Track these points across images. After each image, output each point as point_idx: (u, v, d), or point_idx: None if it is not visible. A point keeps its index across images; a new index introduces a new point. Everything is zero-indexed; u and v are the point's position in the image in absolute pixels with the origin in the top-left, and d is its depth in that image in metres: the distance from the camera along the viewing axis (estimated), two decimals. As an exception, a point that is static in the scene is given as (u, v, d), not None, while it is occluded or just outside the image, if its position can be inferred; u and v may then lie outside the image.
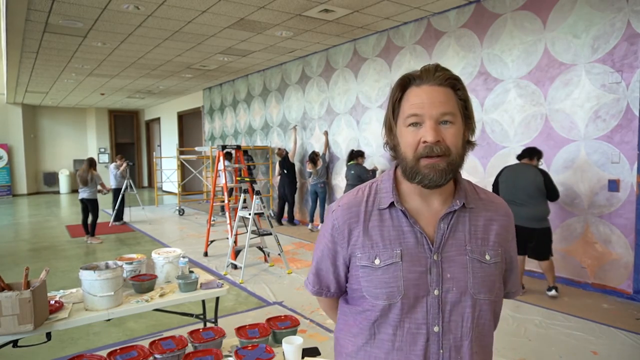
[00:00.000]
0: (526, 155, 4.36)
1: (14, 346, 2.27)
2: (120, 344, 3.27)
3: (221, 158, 6.40)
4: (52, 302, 2.45)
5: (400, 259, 1.01)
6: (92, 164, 7.44)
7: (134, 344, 2.18)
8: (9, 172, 14.85)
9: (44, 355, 3.29)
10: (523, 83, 5.00)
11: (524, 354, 3.21)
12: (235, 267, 5.58)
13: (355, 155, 6.82)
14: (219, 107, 12.04)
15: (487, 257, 1.04)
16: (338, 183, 7.88)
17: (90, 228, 7.50)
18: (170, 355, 2.07)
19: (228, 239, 6.05)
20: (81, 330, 3.72)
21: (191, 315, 3.22)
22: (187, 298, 2.71)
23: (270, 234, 5.39)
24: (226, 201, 6.21)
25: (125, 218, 9.67)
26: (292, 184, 8.51)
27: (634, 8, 4.11)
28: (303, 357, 1.99)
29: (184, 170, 13.54)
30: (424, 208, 1.04)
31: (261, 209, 5.39)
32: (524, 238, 4.26)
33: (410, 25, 6.26)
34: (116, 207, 9.04)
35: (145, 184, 18.67)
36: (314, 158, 7.73)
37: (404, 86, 1.02)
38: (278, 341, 2.24)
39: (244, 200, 5.65)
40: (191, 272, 2.91)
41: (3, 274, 2.66)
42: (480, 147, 5.49)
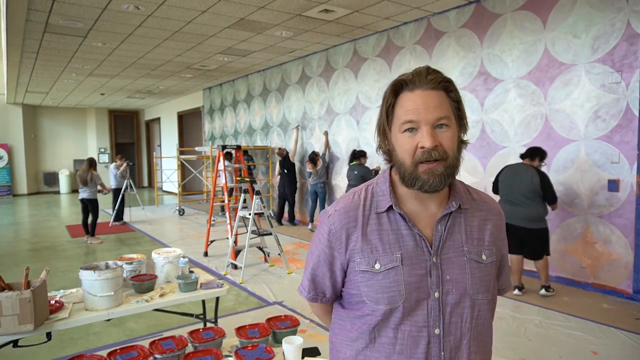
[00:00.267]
0: (527, 156, 4.35)
1: (14, 346, 2.27)
2: (120, 344, 3.27)
3: (221, 158, 6.40)
4: (52, 302, 2.45)
5: (401, 263, 1.01)
6: (92, 164, 7.44)
7: (134, 344, 2.18)
8: (9, 172, 14.85)
9: (44, 355, 3.30)
10: (523, 83, 5.00)
11: (524, 354, 3.21)
12: (235, 267, 5.58)
13: (358, 156, 6.77)
14: (219, 107, 12.04)
15: (484, 257, 1.05)
16: (338, 183, 7.89)
17: (90, 228, 7.50)
18: (170, 355, 2.07)
19: (228, 239, 6.05)
20: (81, 330, 3.72)
21: (191, 315, 3.22)
22: (187, 298, 2.71)
23: (270, 234, 5.39)
24: (226, 201, 6.21)
25: (125, 218, 9.67)
26: (292, 183, 8.51)
27: (634, 8, 4.11)
28: (303, 357, 1.99)
29: (184, 170, 13.54)
30: (421, 211, 1.05)
31: (261, 209, 5.39)
32: (519, 238, 4.26)
33: (410, 25, 6.26)
34: (116, 207, 9.04)
35: (145, 184, 18.67)
36: (314, 158, 7.73)
37: (396, 91, 1.01)
38: (278, 341, 2.25)
39: (244, 200, 5.65)
40: (191, 272, 2.91)
41: (3, 274, 2.66)
42: (480, 147, 5.49)
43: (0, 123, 14.76)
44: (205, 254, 6.33)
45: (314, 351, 2.21)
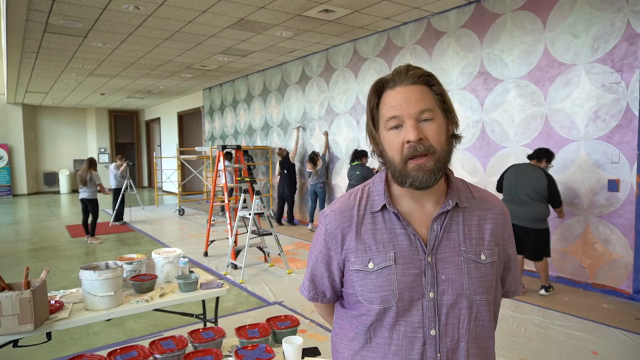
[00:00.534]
0: (534, 157, 4.35)
1: (14, 346, 2.27)
2: (120, 344, 3.28)
3: (221, 158, 6.40)
4: (52, 302, 2.45)
5: (394, 262, 1.00)
6: (92, 164, 7.44)
7: (134, 344, 2.18)
8: (9, 172, 14.85)
9: (44, 355, 3.29)
10: (523, 83, 5.00)
11: (524, 354, 3.21)
12: (235, 267, 5.58)
13: (360, 156, 6.73)
14: (219, 107, 12.04)
15: (483, 257, 1.02)
16: (338, 183, 7.89)
17: (90, 228, 7.50)
18: (170, 355, 2.07)
19: (228, 239, 6.05)
20: (81, 330, 3.72)
21: (191, 315, 3.22)
22: (187, 298, 2.71)
23: (270, 234, 5.39)
24: (226, 201, 6.21)
25: (125, 218, 9.67)
26: (292, 184, 8.51)
27: (633, 8, 4.12)
28: (303, 357, 1.99)
29: (184, 170, 13.54)
30: (417, 210, 1.04)
31: (261, 209, 5.39)
32: (520, 238, 4.27)
33: (410, 25, 6.26)
34: (116, 207, 9.04)
35: (145, 184, 18.67)
36: (313, 158, 7.73)
37: (378, 91, 1.02)
38: (278, 341, 2.25)
39: (244, 200, 5.65)
40: (191, 272, 2.91)
41: (3, 274, 2.67)
42: (480, 147, 5.49)
43: (0, 123, 14.76)
44: (205, 254, 6.33)
45: (314, 351, 2.21)
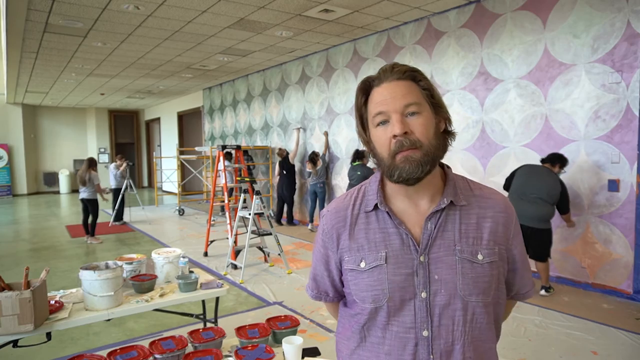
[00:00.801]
0: (548, 161, 4.36)
1: (14, 346, 2.27)
2: (120, 344, 3.28)
3: (221, 158, 6.40)
4: (52, 302, 2.45)
5: (385, 261, 0.99)
6: (91, 164, 7.43)
7: (134, 344, 2.18)
8: (9, 172, 14.85)
9: (44, 355, 3.29)
10: (523, 83, 5.00)
11: (524, 354, 3.21)
12: (235, 267, 5.58)
13: (361, 156, 6.70)
14: (219, 107, 12.04)
15: (480, 257, 0.99)
16: (338, 183, 7.88)
17: (90, 228, 7.50)
18: (170, 355, 2.07)
19: (228, 239, 6.05)
20: (81, 330, 3.72)
21: (191, 315, 3.22)
22: (187, 298, 2.71)
23: (270, 234, 5.39)
24: (226, 201, 6.21)
25: (125, 218, 9.67)
26: (291, 185, 8.50)
27: (634, 8, 4.11)
28: (303, 357, 1.99)
29: (184, 170, 13.54)
30: (411, 208, 1.02)
31: (261, 209, 5.39)
32: (526, 237, 4.28)
33: (410, 25, 6.26)
34: (116, 207, 9.04)
35: (145, 184, 18.67)
36: (313, 158, 7.73)
37: (365, 89, 1.02)
38: (278, 341, 2.24)
39: (244, 200, 5.65)
40: (191, 272, 2.91)
41: (3, 274, 2.67)
42: (480, 147, 5.49)
43: (0, 123, 14.76)
44: (205, 254, 6.32)
45: (314, 351, 2.21)
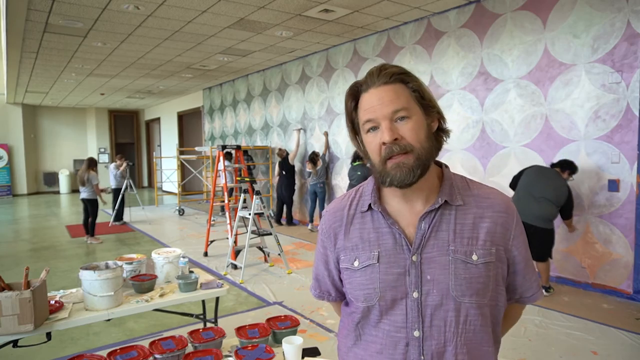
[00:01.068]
0: (558, 166, 4.37)
1: (14, 346, 2.27)
2: (120, 344, 3.27)
3: (221, 158, 6.40)
4: (52, 302, 2.45)
5: (377, 261, 1.00)
6: (91, 163, 7.42)
7: (134, 344, 2.18)
8: (9, 172, 14.85)
9: (44, 355, 3.29)
10: (523, 83, 5.00)
11: (524, 354, 3.21)
12: (235, 267, 5.58)
13: (361, 156, 6.71)
14: (219, 107, 12.04)
15: (475, 257, 0.97)
16: (338, 183, 7.88)
17: (89, 228, 7.49)
18: (170, 355, 2.06)
19: (228, 239, 6.05)
20: (81, 330, 3.72)
21: (191, 315, 3.22)
22: (187, 298, 2.71)
23: (270, 234, 5.39)
24: (226, 201, 6.21)
25: (125, 218, 9.67)
26: (290, 186, 8.49)
27: (634, 8, 4.11)
28: (303, 357, 1.99)
29: (184, 170, 13.54)
30: (405, 208, 1.02)
31: (261, 209, 5.39)
32: (528, 236, 4.28)
33: (410, 25, 6.26)
34: (116, 207, 9.04)
35: (145, 184, 18.67)
36: (314, 158, 7.73)
37: (354, 95, 1.02)
38: (278, 341, 2.24)
39: (244, 200, 5.65)
40: (191, 272, 2.91)
41: (3, 274, 2.66)
42: (480, 147, 5.49)
43: (0, 123, 14.76)
44: (205, 254, 6.32)
45: (314, 351, 2.21)
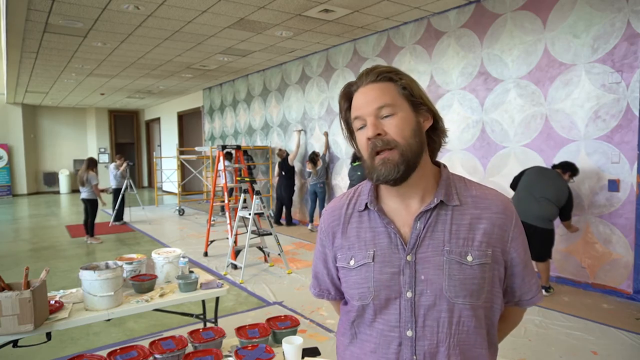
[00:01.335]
0: (560, 167, 4.37)
1: (14, 346, 2.27)
2: (120, 344, 3.27)
3: (221, 158, 6.40)
4: (52, 302, 2.45)
5: (372, 260, 1.00)
6: (90, 164, 7.42)
7: (134, 344, 2.18)
8: (9, 172, 14.85)
9: (44, 355, 3.29)
10: (523, 83, 5.00)
11: (524, 354, 3.21)
12: (235, 267, 5.58)
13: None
14: (219, 107, 12.04)
15: (469, 258, 0.96)
16: (338, 183, 7.88)
17: (88, 228, 7.49)
18: (170, 355, 2.06)
19: (228, 239, 6.05)
20: (81, 330, 3.72)
21: (191, 315, 3.22)
22: (187, 298, 2.71)
23: (270, 234, 5.39)
24: (226, 201, 6.21)
25: (125, 218, 9.67)
26: (290, 186, 8.49)
27: (634, 8, 4.11)
28: (303, 357, 1.99)
29: (184, 170, 13.53)
30: (402, 208, 1.02)
31: (261, 209, 5.39)
32: (528, 236, 4.28)
33: (410, 25, 6.26)
34: (116, 207, 9.04)
35: (145, 184, 18.67)
36: (314, 158, 7.73)
37: (347, 95, 1.04)
38: (278, 341, 2.24)
39: (244, 200, 5.65)
40: (191, 272, 2.91)
41: (3, 274, 2.67)
42: (480, 147, 5.49)
43: (0, 123, 14.75)
44: (205, 254, 6.32)
45: (314, 351, 2.21)
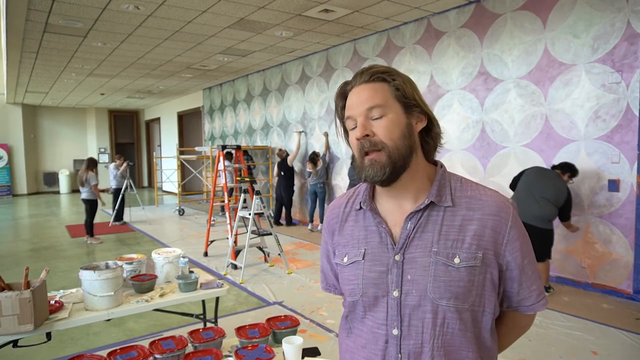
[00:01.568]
0: (559, 168, 4.38)
1: (14, 346, 2.27)
2: (120, 344, 3.27)
3: (221, 158, 6.40)
4: (52, 302, 2.45)
5: (363, 258, 1.03)
6: (90, 164, 7.41)
7: (134, 344, 2.18)
8: (9, 172, 14.85)
9: (44, 355, 3.29)
10: (523, 83, 5.00)
11: (524, 354, 3.21)
12: (235, 267, 5.58)
13: None
14: (219, 107, 12.04)
15: (457, 260, 0.95)
16: (338, 183, 7.88)
17: (87, 228, 7.48)
18: (170, 355, 2.06)
19: (228, 239, 6.05)
20: (81, 330, 3.72)
21: (191, 315, 3.22)
22: (187, 298, 2.71)
23: (270, 234, 5.39)
24: (226, 201, 6.21)
25: (125, 218, 9.67)
26: (289, 186, 8.49)
27: (634, 8, 4.11)
28: (303, 357, 1.99)
29: (184, 170, 13.53)
30: (394, 208, 1.03)
31: (261, 209, 5.39)
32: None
33: (410, 25, 6.26)
34: (116, 207, 9.04)
35: (145, 184, 18.67)
36: (314, 158, 7.73)
37: (343, 95, 1.05)
38: (278, 341, 2.24)
39: (244, 200, 5.65)
40: (191, 272, 2.91)
41: (3, 274, 2.67)
42: (480, 147, 5.49)
43: (0, 123, 14.75)
44: (205, 254, 6.32)
45: (314, 351, 2.21)
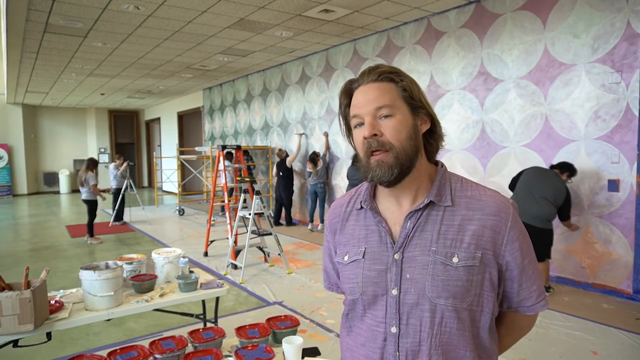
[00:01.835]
0: (558, 167, 4.38)
1: (14, 346, 2.27)
2: (120, 344, 3.27)
3: (221, 158, 6.40)
4: (52, 302, 2.45)
5: (362, 257, 1.04)
6: (90, 164, 7.42)
7: (134, 344, 2.18)
8: (9, 172, 14.85)
9: (44, 355, 3.30)
10: (523, 83, 5.00)
11: (524, 354, 3.21)
12: (235, 267, 5.58)
13: None
14: (219, 107, 12.04)
15: (455, 260, 0.96)
16: (338, 183, 7.88)
17: (87, 228, 7.48)
18: (170, 355, 2.07)
19: (228, 239, 6.05)
20: (81, 330, 3.72)
21: (191, 315, 3.22)
22: (187, 298, 2.71)
23: (270, 234, 5.39)
24: (226, 201, 6.21)
25: (125, 218, 9.66)
26: (288, 187, 8.49)
27: (633, 8, 4.11)
28: (303, 357, 1.99)
29: (184, 170, 13.53)
30: (395, 207, 1.04)
31: (261, 209, 5.39)
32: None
33: (410, 25, 6.26)
34: (116, 207, 9.04)
35: (145, 184, 18.67)
36: (314, 158, 7.73)
37: (348, 93, 1.04)
38: (278, 341, 2.24)
39: (244, 200, 5.65)
40: (191, 272, 2.91)
41: (3, 274, 2.67)
42: (480, 147, 5.49)
43: (0, 123, 14.76)
44: (205, 254, 6.32)
45: (314, 351, 2.21)
